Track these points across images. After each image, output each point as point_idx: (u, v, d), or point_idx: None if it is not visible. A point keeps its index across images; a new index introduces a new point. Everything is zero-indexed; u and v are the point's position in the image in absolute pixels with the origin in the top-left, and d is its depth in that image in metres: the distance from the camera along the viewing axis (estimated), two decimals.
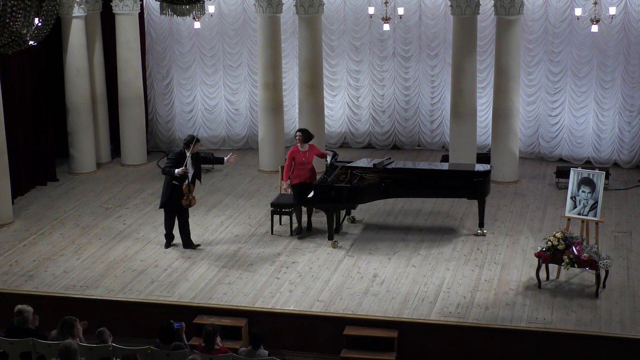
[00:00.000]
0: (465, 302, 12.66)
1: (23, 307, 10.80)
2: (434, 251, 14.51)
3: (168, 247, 14.71)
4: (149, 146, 20.13)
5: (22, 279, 13.69)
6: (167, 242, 14.77)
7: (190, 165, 14.37)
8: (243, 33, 20.20)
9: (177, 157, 14.39)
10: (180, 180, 14.27)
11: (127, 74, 19.08)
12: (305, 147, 15.09)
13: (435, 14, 19.50)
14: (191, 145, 14.32)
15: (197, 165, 14.54)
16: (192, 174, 14.45)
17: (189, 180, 14.34)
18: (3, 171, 15.84)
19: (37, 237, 15.43)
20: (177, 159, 14.35)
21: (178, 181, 14.28)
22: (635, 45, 18.10)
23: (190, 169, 14.37)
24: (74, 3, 18.07)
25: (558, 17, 18.57)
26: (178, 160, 14.33)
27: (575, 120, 18.98)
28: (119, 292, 13.17)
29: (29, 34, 8.32)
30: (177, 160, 14.34)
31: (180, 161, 14.32)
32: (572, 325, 11.97)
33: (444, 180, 15.32)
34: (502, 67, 17.42)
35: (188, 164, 14.29)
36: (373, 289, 13.12)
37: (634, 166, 18.63)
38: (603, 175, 13.64)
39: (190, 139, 14.42)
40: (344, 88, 20.45)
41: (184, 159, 14.32)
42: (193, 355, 9.74)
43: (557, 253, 12.77)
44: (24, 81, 17.49)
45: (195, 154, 14.51)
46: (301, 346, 12.34)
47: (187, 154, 14.34)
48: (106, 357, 10.23)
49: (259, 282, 13.41)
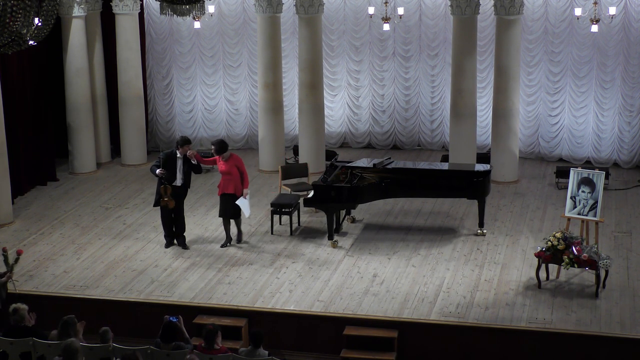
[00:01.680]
0: (465, 302, 12.66)
1: (18, 305, 10.83)
2: (434, 251, 14.51)
3: (168, 247, 14.71)
4: (149, 146, 20.13)
5: (22, 279, 13.68)
6: (167, 242, 14.77)
7: (180, 167, 14.25)
8: (243, 33, 20.20)
9: (165, 157, 14.34)
10: (164, 180, 14.20)
11: (127, 74, 19.08)
12: (225, 158, 14.45)
13: (435, 14, 19.50)
14: (182, 146, 14.26)
15: (187, 168, 14.38)
16: (182, 177, 14.33)
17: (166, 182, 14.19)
18: (3, 171, 15.84)
19: (37, 237, 15.43)
20: (165, 159, 14.30)
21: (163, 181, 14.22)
22: (635, 45, 18.10)
23: (179, 172, 14.25)
24: (74, 3, 18.07)
25: (558, 17, 18.58)
26: (166, 161, 14.28)
27: (575, 120, 18.99)
28: (119, 291, 13.17)
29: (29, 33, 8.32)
30: (164, 160, 14.29)
31: (167, 161, 14.25)
32: (572, 325, 11.97)
33: (444, 180, 15.32)
34: (502, 67, 17.43)
35: (178, 166, 14.19)
36: (373, 289, 13.12)
37: (634, 166, 18.63)
38: (603, 175, 13.64)
39: (182, 140, 14.37)
40: (344, 88, 20.45)
41: (174, 159, 14.27)
42: (191, 355, 9.74)
43: (557, 253, 12.77)
44: (24, 81, 17.49)
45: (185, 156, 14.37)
46: (301, 346, 12.34)
47: (178, 155, 14.27)
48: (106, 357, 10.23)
49: (259, 282, 13.41)
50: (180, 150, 14.31)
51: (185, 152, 14.32)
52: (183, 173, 14.38)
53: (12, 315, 10.74)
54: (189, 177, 14.55)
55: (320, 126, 18.64)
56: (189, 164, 14.41)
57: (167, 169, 14.27)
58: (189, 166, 14.42)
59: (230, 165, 14.41)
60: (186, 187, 14.57)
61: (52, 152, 18.61)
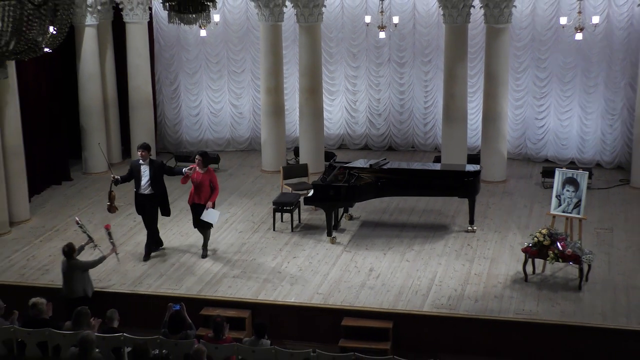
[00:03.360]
0: (456, 295, 12.70)
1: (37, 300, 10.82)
2: (427, 247, 14.55)
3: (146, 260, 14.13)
4: (157, 147, 20.14)
5: (38, 273, 13.73)
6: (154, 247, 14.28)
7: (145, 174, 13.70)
8: (246, 41, 20.23)
9: (131, 165, 14.00)
10: (112, 185, 13.87)
11: (137, 80, 19.10)
12: (203, 170, 13.83)
13: (428, 23, 19.53)
14: (142, 151, 13.75)
15: (154, 173, 13.72)
16: (148, 181, 13.73)
17: (111, 188, 13.89)
18: (20, 171, 15.89)
19: (52, 234, 15.47)
20: (131, 167, 13.93)
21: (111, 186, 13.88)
22: (617, 52, 18.14)
23: (144, 179, 13.72)
24: (87, 12, 18.11)
25: (544, 26, 18.61)
26: (132, 169, 13.89)
27: (560, 123, 19.02)
28: (129, 285, 13.21)
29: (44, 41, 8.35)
30: (131, 168, 13.92)
31: (133, 169, 13.84)
32: (557, 317, 12.01)
33: (437, 180, 15.35)
34: (491, 72, 17.46)
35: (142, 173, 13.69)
36: (369, 283, 13.16)
37: (616, 167, 18.66)
38: (586, 175, 13.66)
39: (140, 145, 13.86)
40: (342, 92, 20.48)
41: (138, 167, 13.77)
42: (198, 345, 9.78)
43: (542, 248, 12.81)
44: (39, 86, 17.52)
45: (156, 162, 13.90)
46: (302, 336, 12.37)
47: (140, 162, 13.78)
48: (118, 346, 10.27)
49: (261, 276, 13.44)
50: (141, 154, 13.71)
51: (145, 157, 13.69)
52: (150, 180, 13.73)
53: (31, 309, 10.75)
54: (158, 185, 13.80)
55: (319, 129, 18.67)
56: (157, 169, 13.76)
57: (135, 177, 13.82)
58: (158, 171, 13.76)
59: (205, 178, 13.77)
60: (156, 196, 13.80)
61: (66, 153, 18.62)
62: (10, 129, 15.63)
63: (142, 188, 13.84)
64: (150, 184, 13.79)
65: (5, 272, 13.83)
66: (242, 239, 15.03)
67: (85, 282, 12.27)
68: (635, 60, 17.70)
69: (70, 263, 12.14)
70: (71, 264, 12.14)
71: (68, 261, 12.13)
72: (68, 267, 12.14)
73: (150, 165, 13.79)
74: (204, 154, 13.97)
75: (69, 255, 12.13)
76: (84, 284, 12.23)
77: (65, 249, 12.15)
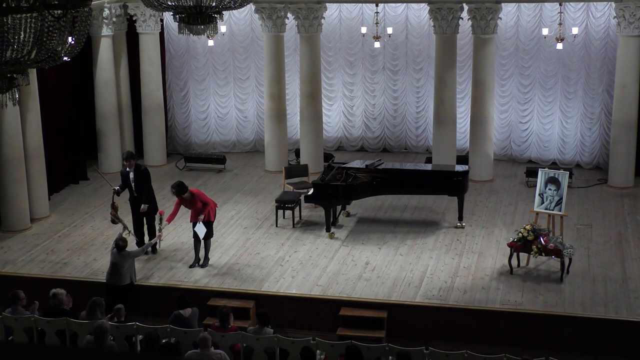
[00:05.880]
0: (446, 286, 12.66)
1: (57, 290, 10.81)
2: (419, 241, 14.51)
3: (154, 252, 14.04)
4: (168, 149, 20.11)
5: (57, 266, 13.69)
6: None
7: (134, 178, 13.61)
8: (251, 50, 20.19)
9: (121, 175, 13.91)
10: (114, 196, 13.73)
11: (149, 86, 19.07)
12: (187, 199, 13.15)
13: (420, 33, 19.49)
14: (127, 160, 13.68)
15: (137, 177, 13.61)
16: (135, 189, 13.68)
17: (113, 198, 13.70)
18: (40, 171, 15.85)
19: (70, 229, 15.42)
20: (122, 177, 13.85)
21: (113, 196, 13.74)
22: (595, 61, 18.10)
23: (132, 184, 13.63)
24: (103, 24, 18.07)
25: (527, 36, 18.57)
26: (123, 178, 13.81)
27: (542, 126, 18.98)
28: (142, 277, 13.16)
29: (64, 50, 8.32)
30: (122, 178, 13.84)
31: (124, 178, 13.80)
32: (540, 307, 11.99)
33: (428, 179, 15.31)
34: (478, 79, 17.42)
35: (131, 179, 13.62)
36: (365, 275, 13.13)
37: (594, 167, 18.62)
38: (567, 175, 13.66)
39: (125, 155, 13.80)
40: (340, 98, 20.43)
41: (127, 175, 13.70)
42: (204, 333, 9.76)
43: (526, 243, 12.78)
44: (59, 92, 17.48)
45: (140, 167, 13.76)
46: (302, 325, 12.35)
47: (127, 169, 13.71)
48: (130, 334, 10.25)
49: (265, 269, 13.41)
50: (126, 164, 13.69)
51: (131, 166, 13.57)
52: (136, 185, 13.68)
53: (52, 299, 10.72)
54: (141, 188, 13.68)
55: (319, 131, 18.63)
56: (140, 174, 13.61)
57: (126, 185, 13.78)
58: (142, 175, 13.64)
59: (193, 201, 13.20)
60: (142, 198, 13.67)
61: (84, 154, 18.57)
62: (31, 132, 15.59)
63: (132, 193, 13.87)
64: (136, 189, 13.78)
65: (27, 265, 13.79)
66: (246, 234, 14.99)
67: (132, 270, 12.49)
68: (611, 68, 17.67)
69: (122, 254, 12.25)
70: (123, 255, 12.25)
71: (119, 252, 12.22)
72: (120, 257, 12.25)
73: (135, 170, 13.74)
74: (176, 186, 13.11)
75: (122, 248, 12.24)
76: (131, 272, 12.44)
77: (120, 243, 12.25)
